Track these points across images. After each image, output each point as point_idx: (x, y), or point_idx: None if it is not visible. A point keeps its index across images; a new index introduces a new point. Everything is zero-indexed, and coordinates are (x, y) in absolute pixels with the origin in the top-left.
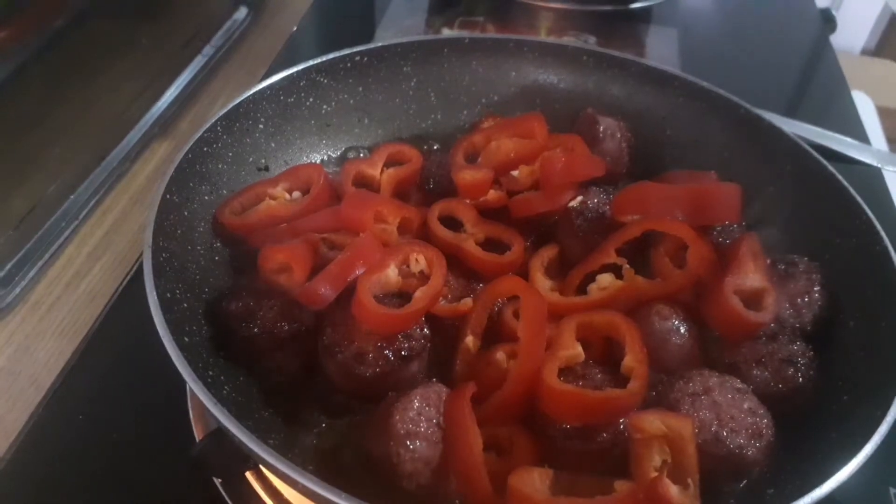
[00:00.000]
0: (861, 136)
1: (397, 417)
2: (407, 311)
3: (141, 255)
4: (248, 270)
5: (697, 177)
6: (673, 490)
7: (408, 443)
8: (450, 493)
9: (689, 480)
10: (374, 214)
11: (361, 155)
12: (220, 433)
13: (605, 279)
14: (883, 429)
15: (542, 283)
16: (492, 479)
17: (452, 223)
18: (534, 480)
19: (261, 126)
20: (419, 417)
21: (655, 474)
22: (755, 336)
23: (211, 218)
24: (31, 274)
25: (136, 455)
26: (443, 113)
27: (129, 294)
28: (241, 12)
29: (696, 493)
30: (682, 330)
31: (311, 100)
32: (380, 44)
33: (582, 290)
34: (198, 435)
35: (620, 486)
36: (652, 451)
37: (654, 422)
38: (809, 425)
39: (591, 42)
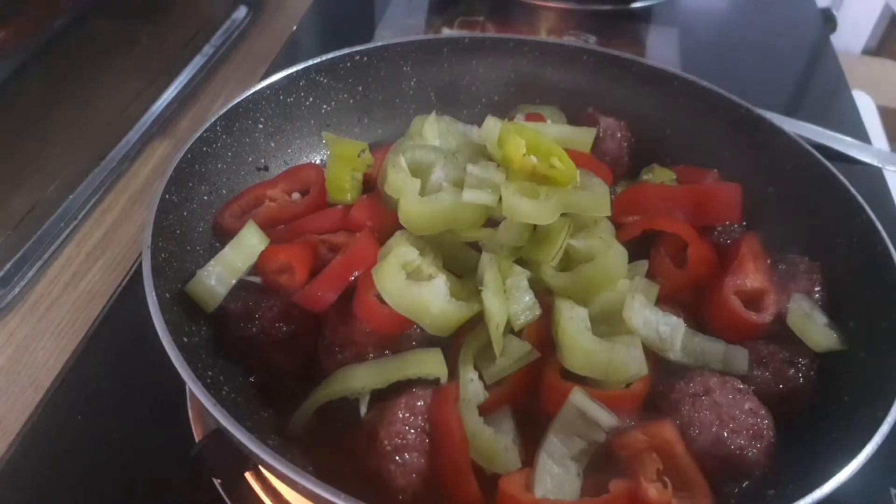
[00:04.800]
0: (862, 135)
1: (382, 434)
2: None
3: (140, 255)
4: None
5: (699, 174)
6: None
7: (396, 458)
8: None
9: (667, 479)
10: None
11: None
12: (219, 433)
13: None
14: (884, 429)
15: None
16: (482, 484)
17: None
18: (524, 482)
19: (260, 126)
20: (404, 429)
21: (652, 487)
22: (755, 336)
23: (210, 218)
24: (31, 274)
25: (135, 455)
26: (443, 113)
27: (129, 294)
28: (241, 12)
29: (697, 489)
30: None
31: (310, 99)
32: (380, 44)
33: None
34: (197, 435)
35: (615, 485)
36: (644, 464)
37: (636, 436)
38: (810, 426)
39: (591, 42)
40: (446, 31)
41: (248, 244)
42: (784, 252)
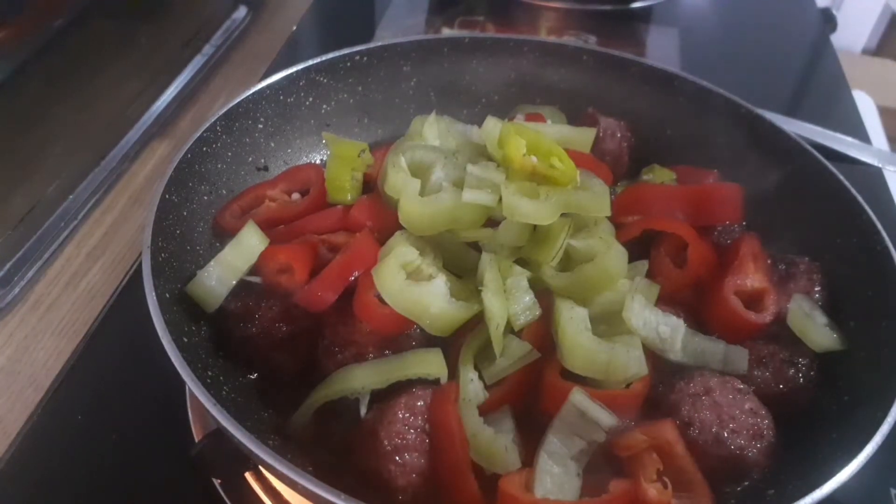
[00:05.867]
0: (862, 135)
1: (382, 434)
2: None
3: (140, 255)
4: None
5: (699, 174)
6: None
7: (396, 458)
8: None
9: (667, 479)
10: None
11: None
12: (219, 433)
13: None
14: (884, 429)
15: None
16: (482, 484)
17: None
18: (524, 482)
19: (260, 126)
20: (404, 429)
21: (652, 487)
22: (755, 336)
23: (210, 218)
24: (31, 274)
25: (135, 455)
26: (443, 113)
27: (129, 294)
28: (241, 11)
29: (697, 489)
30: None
31: (310, 99)
32: (380, 44)
33: None
34: (197, 435)
35: (615, 485)
36: (644, 464)
37: (636, 436)
38: (810, 426)
39: (591, 42)
40: (446, 31)
41: (248, 244)
42: (784, 252)
